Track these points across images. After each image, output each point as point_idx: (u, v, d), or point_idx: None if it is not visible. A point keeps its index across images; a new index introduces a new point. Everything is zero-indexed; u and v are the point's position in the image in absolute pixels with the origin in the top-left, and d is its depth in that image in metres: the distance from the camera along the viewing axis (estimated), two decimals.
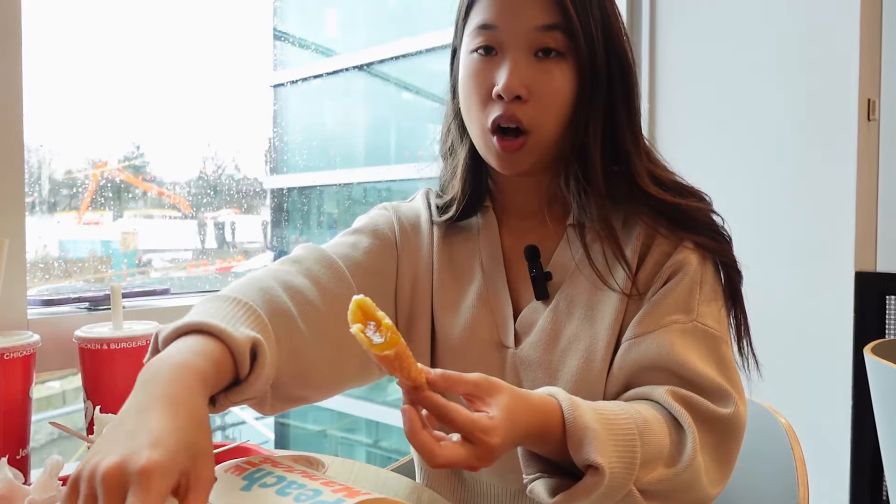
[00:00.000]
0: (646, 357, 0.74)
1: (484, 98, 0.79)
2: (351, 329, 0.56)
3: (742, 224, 1.78)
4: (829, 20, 1.67)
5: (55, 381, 2.09)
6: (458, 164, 0.89)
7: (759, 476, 1.01)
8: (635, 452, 0.65)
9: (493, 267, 0.87)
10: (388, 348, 0.56)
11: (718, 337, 0.76)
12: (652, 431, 0.67)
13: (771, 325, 1.76)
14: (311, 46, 2.54)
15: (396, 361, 0.56)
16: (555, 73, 0.78)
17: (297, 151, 2.12)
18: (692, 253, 0.79)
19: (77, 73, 1.46)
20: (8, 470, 0.63)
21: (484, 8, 0.80)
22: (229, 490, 0.54)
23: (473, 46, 0.80)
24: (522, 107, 0.77)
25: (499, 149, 0.78)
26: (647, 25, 1.98)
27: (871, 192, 1.70)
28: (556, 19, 0.77)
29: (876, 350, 1.29)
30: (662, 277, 0.78)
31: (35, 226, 1.49)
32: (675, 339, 0.74)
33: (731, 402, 0.72)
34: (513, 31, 0.78)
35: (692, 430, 0.69)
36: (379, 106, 2.94)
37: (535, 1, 0.77)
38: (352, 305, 0.57)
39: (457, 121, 0.89)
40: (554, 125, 0.79)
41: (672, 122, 1.94)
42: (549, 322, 0.82)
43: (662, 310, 0.76)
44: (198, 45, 1.78)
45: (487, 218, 0.89)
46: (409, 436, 0.57)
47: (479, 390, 0.61)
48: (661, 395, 0.71)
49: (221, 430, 4.28)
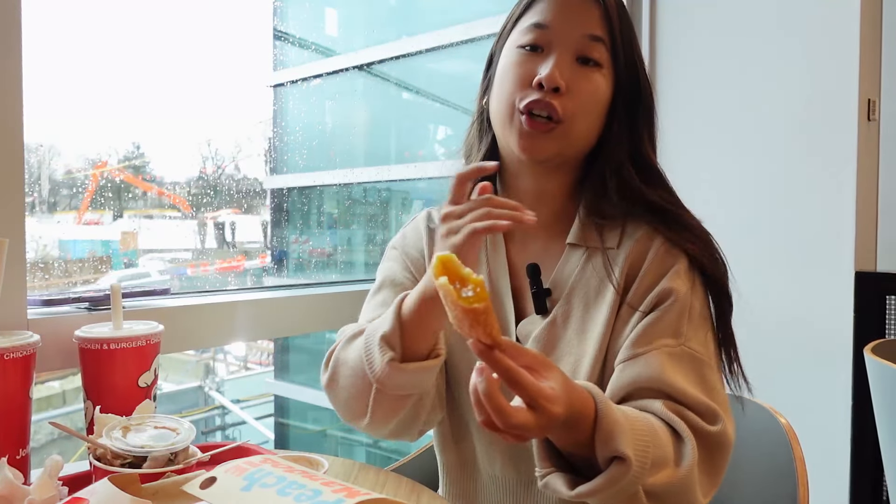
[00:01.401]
0: (639, 377, 0.77)
1: (522, 84, 0.83)
2: (437, 281, 0.57)
3: (742, 224, 1.79)
4: (829, 20, 1.67)
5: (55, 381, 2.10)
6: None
7: (760, 476, 1.01)
8: (648, 452, 0.67)
9: (499, 277, 0.90)
10: (477, 302, 0.56)
11: (704, 361, 0.79)
12: (660, 436, 0.70)
13: (771, 325, 1.76)
14: (311, 46, 2.54)
15: (483, 316, 0.56)
16: (593, 78, 0.83)
17: (297, 151, 2.12)
18: (683, 280, 0.81)
19: (77, 73, 1.46)
20: (8, 470, 0.63)
21: (540, 11, 0.85)
22: (230, 490, 0.54)
23: (522, 42, 0.85)
24: (559, 98, 0.81)
25: (526, 126, 0.82)
26: (647, 25, 1.98)
27: (871, 192, 1.70)
28: (603, 33, 0.83)
29: (876, 350, 1.29)
30: (653, 301, 0.81)
31: (35, 226, 1.49)
32: (664, 361, 0.76)
33: (718, 420, 0.74)
34: (564, 32, 0.83)
35: (690, 438, 0.71)
36: (379, 106, 2.94)
37: (589, 12, 0.84)
38: (435, 261, 0.58)
39: (479, 121, 0.94)
40: (585, 123, 0.84)
41: (672, 122, 1.94)
42: (543, 334, 0.85)
43: (653, 334, 0.79)
44: (198, 44, 1.78)
45: (495, 233, 0.91)
46: (487, 395, 0.59)
47: (538, 364, 0.63)
48: (659, 408, 0.74)
49: (221, 431, 4.28)
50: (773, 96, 1.76)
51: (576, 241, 0.87)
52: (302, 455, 0.77)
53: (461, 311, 0.56)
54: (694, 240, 0.83)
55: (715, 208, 1.89)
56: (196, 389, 4.17)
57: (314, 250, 2.47)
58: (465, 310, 0.56)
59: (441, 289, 0.56)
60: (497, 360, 0.59)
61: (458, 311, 0.56)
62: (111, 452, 0.67)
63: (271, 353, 4.20)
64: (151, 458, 0.66)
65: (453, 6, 2.97)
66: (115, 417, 0.72)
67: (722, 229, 0.84)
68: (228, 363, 4.55)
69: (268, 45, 2.21)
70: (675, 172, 0.92)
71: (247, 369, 4.55)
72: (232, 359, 4.53)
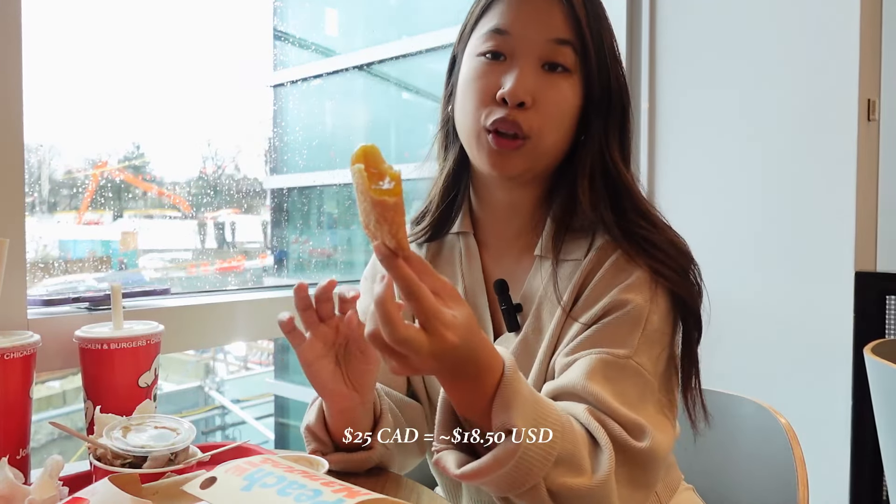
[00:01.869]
0: (568, 383, 0.72)
1: (486, 99, 0.78)
2: (353, 167, 0.53)
3: (742, 224, 1.79)
4: (829, 20, 1.67)
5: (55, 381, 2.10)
6: (440, 176, 0.90)
7: (759, 476, 1.01)
8: (554, 444, 0.62)
9: (476, 294, 0.88)
10: (389, 195, 0.52)
11: (648, 381, 0.73)
12: (574, 435, 0.65)
13: (771, 325, 1.76)
14: (311, 46, 2.54)
15: (391, 213, 0.53)
16: (561, 86, 0.78)
17: (297, 151, 2.11)
18: (640, 292, 0.76)
19: (77, 72, 1.46)
20: (8, 470, 0.63)
21: (499, 13, 0.79)
22: (230, 490, 0.54)
23: (482, 50, 0.79)
24: (524, 113, 0.77)
25: (494, 145, 0.77)
26: (647, 25, 1.98)
27: (871, 192, 1.70)
28: (570, 35, 0.77)
29: (876, 350, 1.29)
30: (599, 313, 0.76)
31: (35, 226, 1.49)
32: (597, 368, 0.72)
33: (645, 436, 0.69)
34: (526, 38, 0.77)
35: (609, 448, 0.66)
36: (379, 106, 2.93)
37: (553, 14, 0.77)
38: (357, 150, 0.54)
39: (444, 130, 0.89)
40: (553, 136, 0.79)
41: (672, 123, 1.94)
42: (519, 353, 0.82)
43: (595, 341, 0.74)
44: (198, 44, 1.78)
45: (469, 244, 0.89)
46: (379, 301, 0.54)
47: (446, 291, 0.58)
48: (581, 412, 0.69)
49: (221, 431, 4.28)
50: (772, 96, 1.76)
51: (543, 254, 0.83)
52: (302, 455, 0.77)
53: (370, 203, 0.52)
54: (658, 253, 0.77)
55: (715, 208, 1.90)
56: (196, 389, 4.17)
57: (314, 250, 2.47)
58: (374, 201, 0.52)
59: (354, 174, 0.52)
60: (398, 266, 0.55)
61: (366, 203, 0.53)
62: (111, 452, 0.67)
63: (271, 353, 4.20)
64: (151, 458, 0.66)
65: (453, 6, 2.97)
66: (115, 417, 0.72)
67: (722, 229, 0.84)
68: (228, 363, 4.54)
69: (268, 45, 2.21)
70: (675, 172, 0.91)
71: (247, 369, 4.54)
72: (232, 359, 4.52)
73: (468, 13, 0.85)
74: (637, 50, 2.01)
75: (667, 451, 0.72)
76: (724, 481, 1.06)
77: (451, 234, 0.92)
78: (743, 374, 1.77)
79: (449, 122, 0.88)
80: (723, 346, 1.75)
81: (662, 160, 1.92)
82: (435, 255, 0.92)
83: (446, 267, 0.91)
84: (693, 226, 1.89)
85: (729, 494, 1.04)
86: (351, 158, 0.54)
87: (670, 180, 1.90)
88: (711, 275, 0.82)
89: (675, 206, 1.95)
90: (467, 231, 0.90)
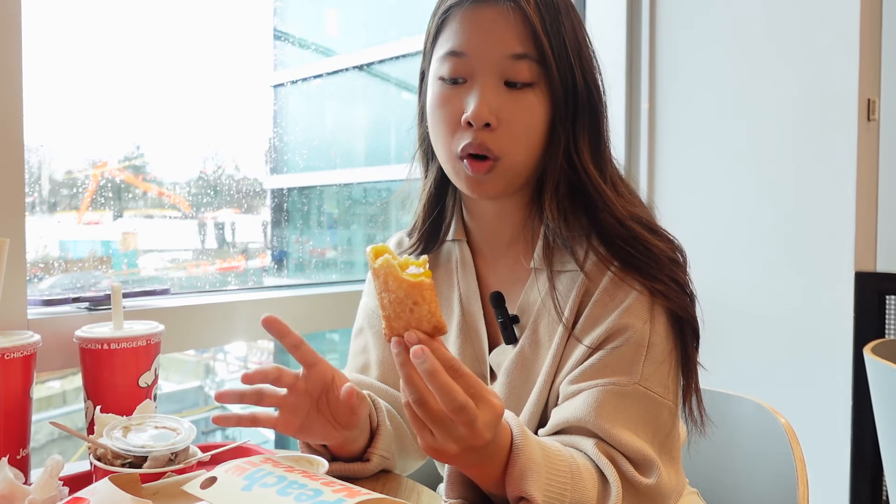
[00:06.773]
0: (573, 415, 0.72)
1: (453, 125, 0.77)
2: (377, 262, 0.53)
3: (742, 224, 1.79)
4: (829, 20, 1.67)
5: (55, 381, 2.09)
6: (423, 192, 0.90)
7: (759, 476, 1.01)
8: (565, 495, 0.64)
9: (471, 303, 0.87)
10: (425, 276, 0.53)
11: (661, 402, 0.73)
12: (582, 479, 0.66)
13: (771, 325, 1.76)
14: (311, 46, 2.54)
15: (429, 290, 0.53)
16: (525, 101, 0.76)
17: (297, 151, 2.11)
18: (638, 314, 0.74)
19: (77, 72, 1.46)
20: (8, 470, 0.63)
21: (454, 33, 0.77)
22: (230, 490, 0.54)
23: (441, 74, 0.78)
24: (491, 135, 0.75)
25: (470, 172, 0.77)
26: (647, 25, 1.98)
27: (871, 192, 1.70)
28: (528, 49, 0.75)
29: (876, 350, 1.29)
30: (602, 337, 0.75)
31: (35, 226, 1.49)
32: (605, 400, 0.71)
33: (653, 473, 0.70)
34: (483, 58, 0.75)
35: (617, 484, 0.67)
36: (379, 106, 2.93)
37: (507, 29, 0.74)
38: (368, 250, 0.55)
39: (423, 148, 0.89)
40: (524, 152, 0.77)
41: (672, 123, 1.94)
42: (513, 366, 0.81)
43: (600, 370, 0.73)
44: (198, 45, 1.78)
45: (463, 253, 0.89)
46: (430, 373, 0.55)
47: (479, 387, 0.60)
48: (591, 448, 0.70)
49: (221, 431, 4.27)
50: (772, 96, 1.76)
51: (538, 265, 0.82)
52: (302, 455, 0.77)
53: (405, 290, 0.52)
54: (645, 266, 0.75)
55: (715, 208, 1.90)
56: (196, 389, 4.17)
57: (314, 250, 2.47)
58: (412, 285, 0.52)
59: (382, 267, 0.52)
60: (436, 349, 0.56)
61: (400, 292, 0.52)
62: (112, 452, 0.67)
63: (271, 353, 4.19)
64: (152, 457, 0.66)
65: None
66: (115, 417, 0.72)
67: (722, 229, 0.83)
68: (228, 363, 4.54)
69: (268, 45, 2.21)
70: (676, 172, 0.91)
71: (247, 369, 4.52)
72: (232, 359, 4.52)
73: (426, 31, 0.84)
74: (637, 50, 2.01)
75: (672, 486, 0.72)
76: (724, 481, 1.06)
77: (449, 241, 0.92)
78: (743, 374, 1.77)
79: (426, 139, 0.87)
80: (723, 346, 1.75)
81: (662, 160, 1.92)
82: (433, 262, 0.92)
83: (443, 274, 0.91)
84: (693, 226, 1.89)
85: (729, 494, 1.05)
86: (368, 257, 0.55)
87: (670, 180, 1.90)
88: (711, 275, 0.82)
89: (676, 206, 1.95)
90: (461, 238, 0.90)
